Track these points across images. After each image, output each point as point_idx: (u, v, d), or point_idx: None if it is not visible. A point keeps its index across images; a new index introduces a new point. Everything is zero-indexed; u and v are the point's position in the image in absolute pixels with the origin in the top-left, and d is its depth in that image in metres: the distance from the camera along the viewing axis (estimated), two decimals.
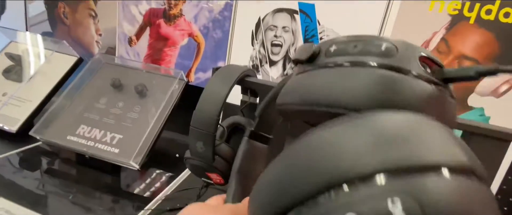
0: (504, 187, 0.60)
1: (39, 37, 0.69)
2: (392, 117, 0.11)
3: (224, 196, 0.26)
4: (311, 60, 0.17)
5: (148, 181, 0.49)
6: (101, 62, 0.61)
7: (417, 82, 0.14)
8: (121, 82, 0.56)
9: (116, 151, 0.49)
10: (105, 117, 0.53)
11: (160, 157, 0.55)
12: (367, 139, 0.10)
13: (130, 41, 0.71)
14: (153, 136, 0.49)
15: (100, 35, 0.75)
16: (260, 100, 0.38)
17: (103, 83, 0.57)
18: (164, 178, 0.52)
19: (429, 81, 0.14)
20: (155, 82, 0.55)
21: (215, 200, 0.23)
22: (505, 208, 0.62)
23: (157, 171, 0.53)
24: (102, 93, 0.56)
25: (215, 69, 0.38)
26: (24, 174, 0.49)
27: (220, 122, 0.34)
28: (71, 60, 0.64)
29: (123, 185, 0.50)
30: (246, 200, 0.19)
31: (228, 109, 0.66)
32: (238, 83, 0.38)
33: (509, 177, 0.59)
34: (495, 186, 0.57)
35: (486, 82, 0.51)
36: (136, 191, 0.48)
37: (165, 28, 0.66)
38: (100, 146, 0.49)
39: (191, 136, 0.34)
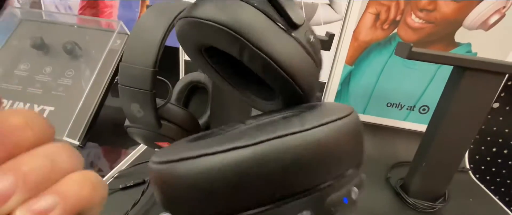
0: (483, 126, 0.59)
1: None
2: None
3: None
4: None
5: (94, 158, 0.41)
6: (16, 18, 0.47)
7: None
8: (45, 41, 0.44)
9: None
10: (30, 86, 0.42)
11: (108, 129, 0.46)
12: None
13: None
14: (92, 104, 0.40)
15: None
16: None
17: (22, 45, 0.45)
18: (115, 152, 0.44)
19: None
20: (89, 38, 0.44)
21: None
22: (483, 147, 0.62)
23: (106, 146, 0.44)
24: (22, 57, 0.44)
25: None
26: None
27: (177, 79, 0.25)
28: None
29: None
30: None
31: (188, 66, 0.56)
32: None
33: (488, 116, 0.58)
34: None
35: (476, 13, 0.45)
36: None
37: None
38: None
39: (122, 97, 0.25)
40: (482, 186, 0.48)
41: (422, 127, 0.53)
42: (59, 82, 0.42)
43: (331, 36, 0.27)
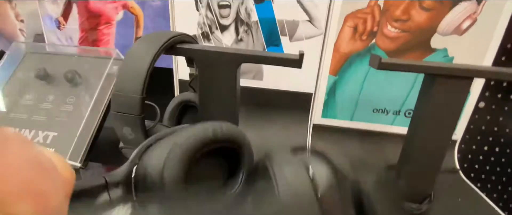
0: (471, 126, 0.60)
1: None
2: None
3: None
4: None
5: (89, 178, 0.44)
6: (21, 52, 0.51)
7: None
8: (48, 72, 0.48)
9: (52, 150, 0.42)
10: (35, 114, 0.46)
11: (109, 150, 0.49)
12: None
13: (58, 24, 0.61)
14: (92, 128, 0.43)
15: (22, 21, 0.64)
16: (198, 69, 0.33)
17: (27, 76, 0.49)
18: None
19: None
20: (88, 66, 0.48)
21: None
22: (474, 146, 0.63)
23: (106, 165, 0.47)
24: (27, 88, 0.48)
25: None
26: None
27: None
28: None
29: None
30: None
31: (182, 85, 0.60)
32: (169, 53, 0.32)
33: (476, 116, 0.60)
34: (463, 126, 0.57)
35: (449, 20, 0.48)
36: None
37: (94, 3, 0.57)
38: None
39: (115, 121, 0.28)
40: (472, 185, 0.50)
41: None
42: (61, 109, 0.45)
43: (301, 55, 0.30)
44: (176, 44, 0.32)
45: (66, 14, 0.59)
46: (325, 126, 0.57)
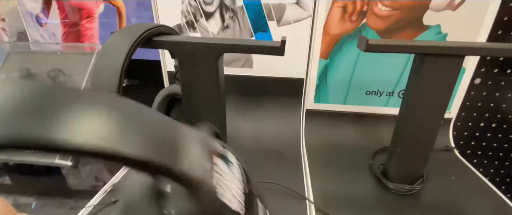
0: (467, 103, 0.59)
1: None
2: None
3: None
4: None
5: (97, 173, 0.44)
6: (4, 52, 0.50)
7: None
8: (31, 72, 0.47)
9: None
10: None
11: None
12: None
13: (40, 20, 0.59)
14: None
15: (3, 20, 0.62)
16: (178, 61, 0.32)
17: (10, 77, 0.48)
18: (114, 165, 0.46)
19: None
20: (71, 63, 0.47)
21: None
22: (469, 123, 0.62)
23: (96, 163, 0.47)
24: None
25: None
26: None
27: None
28: None
29: (60, 185, 0.44)
30: None
31: (171, 78, 0.59)
32: (145, 46, 0.31)
33: (472, 93, 0.59)
34: (458, 103, 0.56)
35: None
36: (79, 187, 0.43)
37: None
38: None
39: None
40: (466, 163, 0.49)
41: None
42: None
43: (283, 42, 0.29)
44: (153, 37, 0.31)
45: (46, 10, 0.57)
46: (318, 110, 0.56)
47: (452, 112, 0.55)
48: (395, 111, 0.54)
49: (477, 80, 0.57)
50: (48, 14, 0.58)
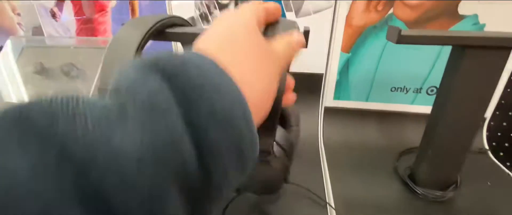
0: (503, 101, 0.54)
1: None
2: None
3: None
4: None
5: None
6: (19, 47, 0.50)
7: None
8: (45, 66, 0.46)
9: None
10: None
11: None
12: None
13: (53, 15, 0.58)
14: None
15: (18, 15, 0.62)
16: None
17: (25, 72, 0.47)
18: None
19: None
20: (84, 58, 0.46)
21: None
22: (504, 123, 0.57)
23: None
24: (26, 84, 0.47)
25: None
26: None
27: None
28: None
29: None
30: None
31: None
32: (157, 38, 0.29)
33: (508, 90, 0.53)
34: (493, 102, 0.51)
35: None
36: None
37: None
38: None
39: None
40: (502, 167, 0.45)
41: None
42: None
43: (306, 32, 0.26)
44: (165, 29, 0.29)
45: (59, 4, 0.57)
46: (337, 108, 0.53)
47: (487, 110, 0.51)
48: (423, 109, 0.51)
49: None
50: (62, 9, 0.57)
